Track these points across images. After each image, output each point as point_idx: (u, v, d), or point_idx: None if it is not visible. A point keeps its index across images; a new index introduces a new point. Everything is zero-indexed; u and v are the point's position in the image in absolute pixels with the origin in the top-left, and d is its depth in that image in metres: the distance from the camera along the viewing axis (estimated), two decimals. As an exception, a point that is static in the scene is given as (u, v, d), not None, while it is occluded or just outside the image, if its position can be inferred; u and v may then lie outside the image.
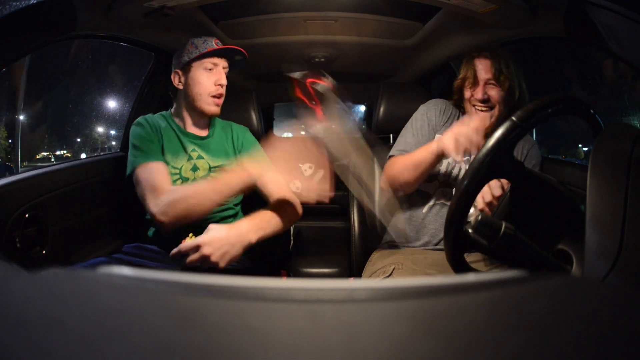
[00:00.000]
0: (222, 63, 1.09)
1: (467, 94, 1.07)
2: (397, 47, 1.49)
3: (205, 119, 1.13)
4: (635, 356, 0.17)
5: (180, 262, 0.84)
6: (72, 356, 0.16)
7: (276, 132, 2.81)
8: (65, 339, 0.17)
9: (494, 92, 1.03)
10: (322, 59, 1.67)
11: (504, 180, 0.84)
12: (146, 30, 1.16)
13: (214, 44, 1.08)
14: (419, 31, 1.37)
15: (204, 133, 1.13)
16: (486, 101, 1.03)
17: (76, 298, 0.21)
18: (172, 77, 1.10)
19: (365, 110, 2.80)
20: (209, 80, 1.07)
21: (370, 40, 1.48)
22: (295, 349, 0.17)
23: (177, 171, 1.05)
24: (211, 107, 1.08)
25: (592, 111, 0.64)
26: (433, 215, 1.07)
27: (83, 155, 3.87)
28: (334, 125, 1.02)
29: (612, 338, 0.18)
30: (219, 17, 1.31)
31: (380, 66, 1.79)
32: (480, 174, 0.60)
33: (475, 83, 1.04)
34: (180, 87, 1.09)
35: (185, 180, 1.04)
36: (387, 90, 1.35)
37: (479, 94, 1.03)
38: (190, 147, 1.09)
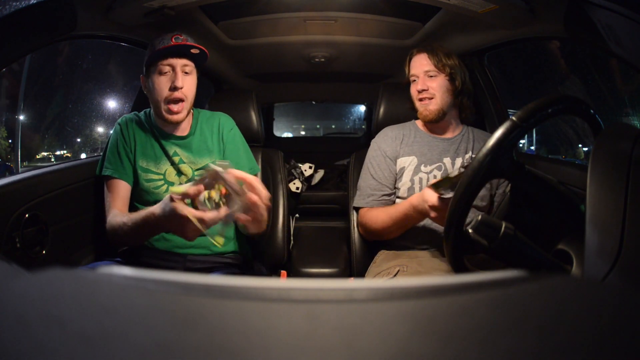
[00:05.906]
0: (180, 63, 0.97)
1: (412, 92, 1.13)
2: (397, 47, 1.49)
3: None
4: (635, 356, 0.17)
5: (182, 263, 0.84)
6: (72, 356, 0.16)
7: (276, 132, 2.81)
8: (65, 339, 0.17)
9: (432, 83, 1.08)
10: (322, 59, 1.67)
11: None
12: (146, 30, 1.16)
13: (170, 41, 0.95)
14: (419, 31, 1.37)
15: (184, 132, 1.06)
16: (424, 91, 1.08)
17: (76, 298, 0.21)
18: (141, 81, 1.04)
19: (365, 110, 2.81)
20: (164, 84, 0.97)
21: (370, 40, 1.48)
22: (294, 349, 0.17)
23: (161, 176, 1.01)
24: (167, 115, 0.98)
25: (592, 111, 0.64)
26: (428, 221, 1.06)
27: (83, 155, 3.88)
28: None
29: (612, 338, 0.18)
30: (219, 17, 1.31)
31: (380, 66, 1.79)
32: (480, 174, 0.60)
33: (415, 79, 1.12)
34: (147, 92, 1.02)
35: (170, 184, 1.02)
36: (387, 90, 1.35)
37: (418, 85, 1.09)
38: (171, 149, 1.04)
